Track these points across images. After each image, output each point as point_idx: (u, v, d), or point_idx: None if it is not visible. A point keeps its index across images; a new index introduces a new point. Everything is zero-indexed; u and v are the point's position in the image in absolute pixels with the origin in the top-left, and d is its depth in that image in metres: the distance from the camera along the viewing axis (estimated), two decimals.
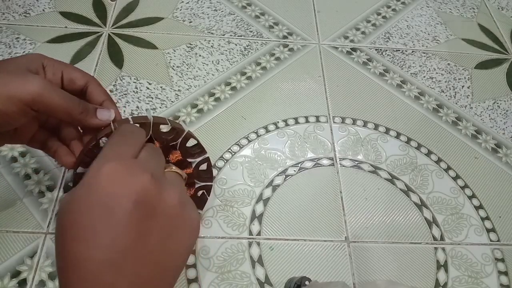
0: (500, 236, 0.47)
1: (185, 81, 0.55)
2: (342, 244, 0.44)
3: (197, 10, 0.64)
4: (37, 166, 0.46)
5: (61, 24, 0.59)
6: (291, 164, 0.49)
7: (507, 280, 0.44)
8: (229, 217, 0.45)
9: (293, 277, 0.41)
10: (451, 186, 0.50)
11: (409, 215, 0.47)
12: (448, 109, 0.57)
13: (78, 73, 0.32)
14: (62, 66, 0.31)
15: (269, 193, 0.47)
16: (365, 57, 0.61)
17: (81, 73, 0.32)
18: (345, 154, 0.51)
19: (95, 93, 0.32)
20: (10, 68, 0.28)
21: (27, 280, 0.40)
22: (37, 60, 0.30)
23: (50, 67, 0.30)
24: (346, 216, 0.46)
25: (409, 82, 0.59)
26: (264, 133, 0.52)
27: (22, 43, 0.56)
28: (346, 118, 0.54)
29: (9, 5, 0.61)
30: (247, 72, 0.57)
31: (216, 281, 0.41)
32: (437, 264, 0.44)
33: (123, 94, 0.53)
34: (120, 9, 0.62)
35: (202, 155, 0.36)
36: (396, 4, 0.69)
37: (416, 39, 0.64)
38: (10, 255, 0.41)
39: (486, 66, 0.62)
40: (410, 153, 0.52)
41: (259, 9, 0.65)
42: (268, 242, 0.44)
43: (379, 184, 0.49)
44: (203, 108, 0.53)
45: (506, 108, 0.58)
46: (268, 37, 0.61)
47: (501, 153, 0.53)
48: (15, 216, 0.43)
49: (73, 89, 0.32)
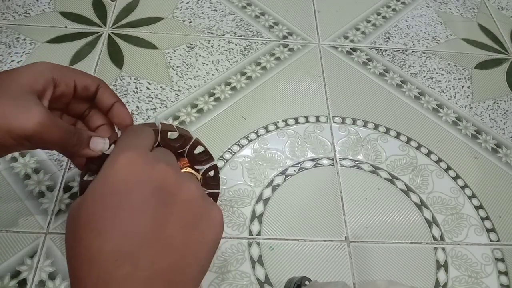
0: (500, 236, 0.47)
1: (185, 81, 0.55)
2: (342, 244, 0.44)
3: (197, 10, 0.64)
4: (37, 166, 0.46)
5: (61, 24, 0.59)
6: (291, 164, 0.49)
7: (507, 280, 0.44)
8: (229, 217, 0.45)
9: (293, 277, 0.41)
10: (451, 186, 0.50)
11: (409, 215, 0.47)
12: (448, 109, 0.57)
13: (89, 79, 0.31)
14: (74, 75, 0.30)
15: (269, 193, 0.47)
16: (365, 57, 0.61)
17: (91, 79, 0.31)
18: (345, 154, 0.51)
19: (105, 96, 0.32)
20: (12, 92, 0.26)
21: (27, 280, 0.40)
22: (46, 75, 0.28)
23: (62, 80, 0.29)
24: (346, 216, 0.46)
25: (409, 82, 0.59)
26: (264, 133, 0.52)
27: (22, 43, 0.56)
28: (346, 118, 0.54)
29: (9, 5, 0.61)
30: (247, 72, 0.57)
31: (216, 281, 0.41)
32: (437, 264, 0.44)
33: (123, 94, 0.53)
34: (120, 9, 0.62)
35: (210, 162, 0.36)
36: (396, 4, 0.69)
37: (416, 39, 0.64)
38: (10, 255, 0.41)
39: (486, 66, 0.62)
40: (410, 153, 0.52)
41: (259, 9, 0.65)
42: (268, 242, 0.44)
43: (379, 184, 0.49)
44: (203, 108, 0.53)
45: (506, 108, 0.58)
46: (268, 37, 0.61)
47: (501, 153, 0.53)
48: (15, 216, 0.43)
49: (86, 96, 0.31)
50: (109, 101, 0.32)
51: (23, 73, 0.27)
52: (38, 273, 0.40)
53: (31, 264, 0.40)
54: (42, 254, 0.41)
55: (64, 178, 0.46)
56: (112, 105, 0.32)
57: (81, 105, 0.33)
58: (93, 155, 0.29)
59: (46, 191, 0.45)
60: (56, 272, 0.40)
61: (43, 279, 0.40)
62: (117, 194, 0.22)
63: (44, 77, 0.28)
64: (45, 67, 0.28)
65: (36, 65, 0.28)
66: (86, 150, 0.29)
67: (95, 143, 0.29)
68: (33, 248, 0.41)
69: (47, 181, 0.45)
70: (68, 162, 0.47)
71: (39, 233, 0.42)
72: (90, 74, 0.32)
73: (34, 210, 0.43)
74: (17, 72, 0.27)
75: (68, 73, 0.30)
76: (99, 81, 0.32)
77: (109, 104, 0.32)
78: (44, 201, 0.44)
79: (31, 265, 0.40)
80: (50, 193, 0.45)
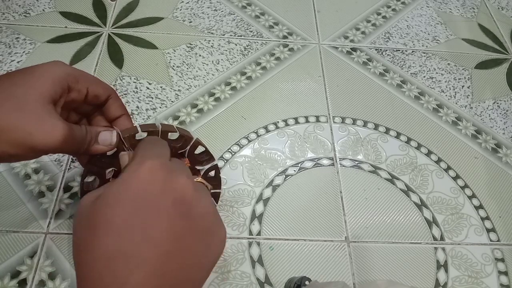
0: (500, 236, 0.47)
1: (185, 81, 0.55)
2: (342, 244, 0.44)
3: (197, 10, 0.64)
4: (37, 166, 0.46)
5: (61, 24, 0.59)
6: (291, 164, 0.49)
7: (507, 280, 0.44)
8: (229, 217, 0.45)
9: (293, 277, 0.41)
10: (451, 186, 0.50)
11: (409, 215, 0.47)
12: (448, 109, 0.57)
13: (101, 89, 0.31)
14: (88, 82, 0.30)
15: (269, 193, 0.47)
16: (365, 57, 0.61)
17: (103, 88, 0.31)
18: (345, 154, 0.51)
19: (113, 107, 0.32)
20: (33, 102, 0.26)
21: (27, 280, 0.40)
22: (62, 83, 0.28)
23: (76, 87, 0.29)
24: (346, 216, 0.46)
25: (409, 82, 0.59)
26: (264, 133, 0.52)
27: (22, 43, 0.56)
28: (346, 118, 0.54)
29: (9, 5, 0.61)
30: (247, 72, 0.57)
31: (216, 281, 0.41)
32: (437, 264, 0.44)
33: (123, 94, 0.53)
34: (120, 9, 0.62)
35: (211, 162, 0.36)
36: (396, 4, 0.69)
37: (416, 39, 0.64)
38: (10, 255, 0.41)
39: (486, 66, 0.62)
40: (410, 153, 0.52)
41: (259, 9, 0.65)
42: (268, 242, 0.44)
43: (379, 184, 0.49)
44: (203, 108, 0.53)
45: (506, 108, 0.58)
46: (268, 37, 0.61)
47: (501, 153, 0.53)
48: (15, 216, 0.43)
49: (95, 104, 0.32)
50: (117, 113, 0.32)
51: (41, 78, 0.27)
52: (38, 273, 0.40)
53: (31, 264, 0.40)
54: (42, 254, 0.41)
55: (64, 178, 0.46)
56: (119, 117, 0.33)
57: (88, 106, 0.33)
58: (102, 150, 0.30)
59: (46, 191, 0.45)
60: (56, 272, 0.40)
61: (43, 279, 0.40)
62: (140, 200, 0.23)
63: (61, 85, 0.28)
64: (62, 73, 0.28)
65: (53, 70, 0.28)
66: (95, 146, 0.30)
67: (103, 137, 0.30)
68: (33, 248, 0.41)
69: (47, 181, 0.45)
70: (68, 162, 0.47)
71: (39, 233, 0.42)
72: (103, 83, 0.32)
73: (34, 210, 0.43)
74: (34, 77, 0.27)
75: (82, 80, 0.30)
76: (111, 91, 0.32)
77: (116, 116, 0.33)
78: (44, 201, 0.44)
79: (31, 265, 0.40)
80: (50, 193, 0.45)
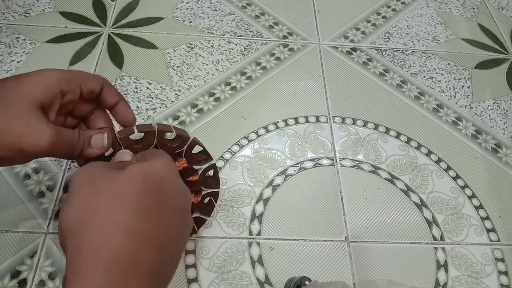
0: (500, 236, 0.47)
1: (185, 81, 0.55)
2: (342, 244, 0.44)
3: (197, 10, 0.64)
4: (37, 166, 0.46)
5: (61, 24, 0.59)
6: (291, 164, 0.49)
7: (507, 280, 0.44)
8: (229, 217, 0.45)
9: (293, 277, 0.41)
10: (451, 186, 0.50)
11: (409, 215, 0.47)
12: (448, 109, 0.57)
13: (94, 82, 0.31)
14: (79, 81, 0.30)
15: (269, 193, 0.47)
16: (365, 57, 0.61)
17: (96, 81, 0.32)
18: (345, 154, 0.51)
19: (109, 95, 0.32)
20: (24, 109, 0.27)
21: (27, 280, 0.40)
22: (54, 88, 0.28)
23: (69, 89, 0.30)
24: (346, 216, 0.46)
25: (409, 82, 0.59)
26: (264, 133, 0.52)
27: (22, 43, 0.56)
28: (346, 118, 0.54)
29: (9, 5, 0.61)
30: (247, 72, 0.57)
31: (216, 281, 0.41)
32: (437, 264, 0.44)
33: (123, 94, 0.53)
34: (120, 9, 0.62)
35: (208, 162, 0.36)
36: (396, 4, 0.69)
37: (416, 39, 0.64)
38: (10, 255, 0.41)
39: (486, 66, 0.62)
40: (410, 153, 0.52)
41: (259, 9, 0.65)
42: (268, 242, 0.44)
43: (379, 184, 0.49)
44: (203, 108, 0.53)
45: (506, 108, 0.58)
46: (268, 37, 0.61)
47: (501, 153, 0.53)
48: (15, 216, 0.43)
49: (92, 98, 0.32)
50: (113, 99, 0.33)
51: (32, 86, 0.28)
52: (38, 273, 0.40)
53: (31, 264, 0.40)
54: (42, 254, 0.41)
55: (64, 178, 0.46)
56: (116, 103, 0.33)
57: (85, 107, 0.33)
58: (95, 153, 0.30)
59: (46, 191, 0.45)
60: (56, 272, 0.40)
61: (43, 279, 0.40)
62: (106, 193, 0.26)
63: (52, 91, 0.28)
64: (53, 79, 0.29)
65: (44, 77, 0.28)
66: (88, 150, 0.30)
67: (95, 140, 0.30)
68: (33, 248, 0.41)
69: (47, 181, 0.45)
70: (68, 162, 0.47)
71: (39, 233, 0.42)
72: (93, 74, 0.32)
73: (34, 210, 0.43)
74: (25, 84, 0.28)
75: (74, 81, 0.30)
76: (103, 80, 0.32)
77: (113, 103, 0.33)
78: (44, 201, 0.44)
79: (31, 265, 0.40)
80: (50, 193, 0.45)
